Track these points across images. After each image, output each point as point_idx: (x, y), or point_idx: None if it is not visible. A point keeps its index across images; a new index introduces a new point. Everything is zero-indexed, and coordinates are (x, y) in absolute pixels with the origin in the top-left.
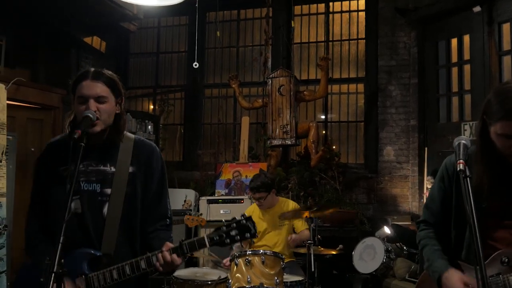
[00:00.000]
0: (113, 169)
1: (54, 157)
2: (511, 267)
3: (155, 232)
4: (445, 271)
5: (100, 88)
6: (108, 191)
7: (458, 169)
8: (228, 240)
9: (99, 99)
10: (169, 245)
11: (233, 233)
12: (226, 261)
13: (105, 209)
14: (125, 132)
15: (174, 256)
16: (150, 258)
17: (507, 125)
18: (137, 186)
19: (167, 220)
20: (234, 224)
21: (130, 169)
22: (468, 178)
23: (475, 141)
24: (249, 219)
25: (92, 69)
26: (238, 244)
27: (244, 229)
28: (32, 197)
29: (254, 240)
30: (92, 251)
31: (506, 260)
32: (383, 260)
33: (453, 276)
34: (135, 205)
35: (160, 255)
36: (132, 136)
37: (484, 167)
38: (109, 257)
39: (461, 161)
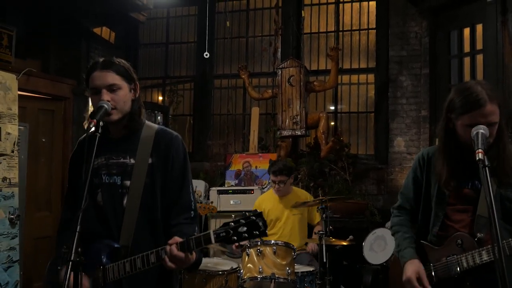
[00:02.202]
0: (132, 161)
1: (83, 153)
2: (464, 249)
3: (178, 226)
4: (409, 259)
5: (111, 77)
6: (128, 183)
7: (477, 158)
8: (235, 238)
9: (111, 88)
10: (177, 239)
11: (241, 230)
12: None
13: (125, 201)
14: (147, 122)
15: (180, 252)
16: (159, 252)
17: (473, 115)
18: (157, 177)
19: (191, 212)
20: (243, 221)
21: (150, 160)
22: (487, 168)
23: (438, 137)
24: (259, 215)
25: (102, 59)
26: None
27: (253, 227)
28: (67, 190)
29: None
30: (111, 243)
31: (460, 242)
32: (393, 251)
33: (413, 266)
34: (154, 197)
35: (167, 248)
36: (155, 126)
37: (447, 161)
38: (127, 249)
39: (480, 150)
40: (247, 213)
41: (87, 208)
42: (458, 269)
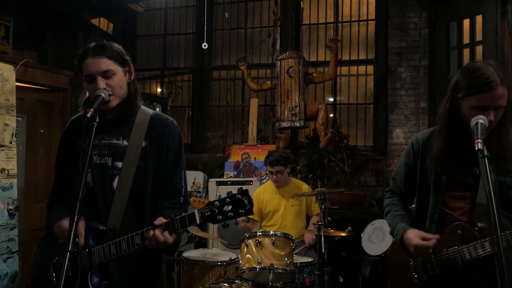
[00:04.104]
0: (125, 142)
1: (74, 133)
2: (465, 239)
3: (164, 209)
4: (404, 231)
5: (104, 63)
6: (119, 164)
7: (477, 148)
8: (221, 217)
9: (106, 74)
10: (162, 219)
11: (226, 208)
12: (241, 220)
13: (115, 183)
14: (143, 106)
15: (166, 233)
16: (144, 233)
17: (482, 97)
18: (149, 160)
19: (181, 198)
20: (228, 199)
21: (143, 144)
22: (486, 158)
23: (440, 117)
24: (245, 193)
25: (92, 44)
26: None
27: (239, 205)
28: (56, 169)
29: (265, 219)
30: (97, 225)
31: (461, 233)
32: (392, 242)
33: (412, 233)
34: (145, 180)
35: (150, 231)
36: (150, 111)
37: (447, 142)
38: (114, 231)
39: (479, 140)
40: (232, 192)
41: (75, 188)
42: (461, 261)
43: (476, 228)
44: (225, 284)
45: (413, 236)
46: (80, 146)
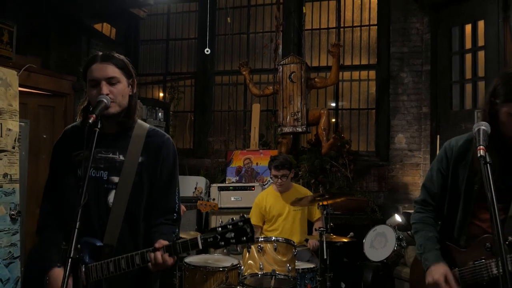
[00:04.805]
0: (122, 157)
1: (68, 143)
2: (494, 253)
3: (158, 226)
4: (434, 263)
5: (111, 69)
6: (115, 179)
7: (479, 155)
8: (223, 243)
9: (111, 81)
10: (162, 242)
11: (228, 235)
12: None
13: (110, 197)
14: (139, 121)
15: (166, 255)
16: (144, 254)
17: None
18: (145, 176)
19: (174, 215)
20: (231, 226)
21: (140, 159)
22: (488, 165)
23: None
24: (247, 221)
25: (101, 52)
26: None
27: (241, 233)
28: (47, 181)
29: (267, 224)
30: (93, 241)
31: (490, 246)
32: (394, 248)
33: (440, 269)
34: (141, 196)
35: (152, 254)
36: (147, 126)
37: (489, 148)
38: (111, 248)
39: (481, 147)
40: (234, 218)
41: (69, 202)
42: (487, 275)
43: (507, 242)
44: None
45: (440, 273)
46: (74, 157)
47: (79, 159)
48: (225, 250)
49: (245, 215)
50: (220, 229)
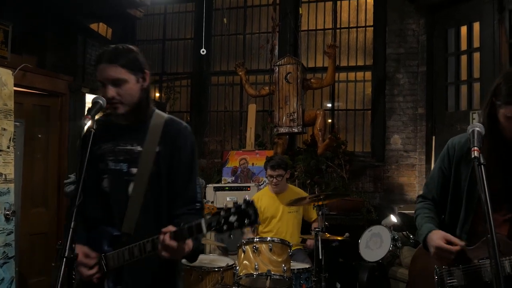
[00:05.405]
0: (139, 148)
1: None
2: (501, 251)
3: (182, 215)
4: (430, 231)
5: (116, 71)
6: (134, 170)
7: (473, 156)
8: (226, 227)
9: (117, 82)
10: (170, 228)
11: (231, 219)
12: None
13: (130, 189)
14: (157, 110)
15: (173, 241)
16: (154, 240)
17: None
18: (163, 165)
19: (197, 204)
20: (234, 210)
21: (157, 149)
22: (482, 166)
23: (482, 122)
24: (250, 204)
25: (109, 49)
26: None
27: (244, 215)
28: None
29: (262, 225)
30: (112, 230)
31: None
32: (389, 249)
33: (437, 234)
34: (160, 185)
35: (160, 237)
36: (165, 115)
37: (490, 148)
38: (128, 236)
39: (475, 148)
40: (238, 202)
41: (91, 194)
42: (491, 274)
43: None
44: None
45: (438, 237)
46: (95, 151)
47: (100, 152)
48: (231, 236)
49: (247, 197)
50: (223, 213)
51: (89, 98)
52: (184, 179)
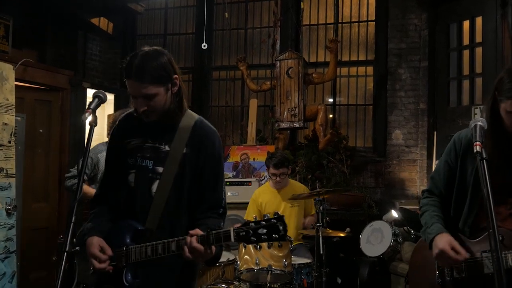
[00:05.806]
0: (167, 148)
1: (121, 131)
2: (505, 245)
3: (204, 219)
4: (438, 233)
5: (146, 89)
6: (160, 169)
7: (475, 151)
8: (254, 238)
9: (147, 97)
10: (198, 231)
11: (260, 231)
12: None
13: (154, 187)
14: (189, 111)
15: (199, 245)
16: (180, 241)
17: None
18: (187, 168)
19: (220, 209)
20: (264, 223)
21: (185, 150)
22: (484, 160)
23: (486, 117)
24: (280, 219)
25: (138, 59)
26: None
27: (273, 230)
28: (105, 168)
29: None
30: (136, 224)
31: (501, 238)
32: (390, 244)
33: (443, 238)
34: (182, 186)
35: (188, 238)
36: (196, 116)
37: (493, 142)
38: (151, 232)
39: (477, 142)
40: (268, 215)
41: (118, 187)
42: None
43: None
44: (223, 285)
45: (445, 240)
46: (126, 145)
47: (130, 147)
48: (258, 247)
49: (279, 213)
50: (253, 224)
51: (90, 92)
52: (212, 184)
